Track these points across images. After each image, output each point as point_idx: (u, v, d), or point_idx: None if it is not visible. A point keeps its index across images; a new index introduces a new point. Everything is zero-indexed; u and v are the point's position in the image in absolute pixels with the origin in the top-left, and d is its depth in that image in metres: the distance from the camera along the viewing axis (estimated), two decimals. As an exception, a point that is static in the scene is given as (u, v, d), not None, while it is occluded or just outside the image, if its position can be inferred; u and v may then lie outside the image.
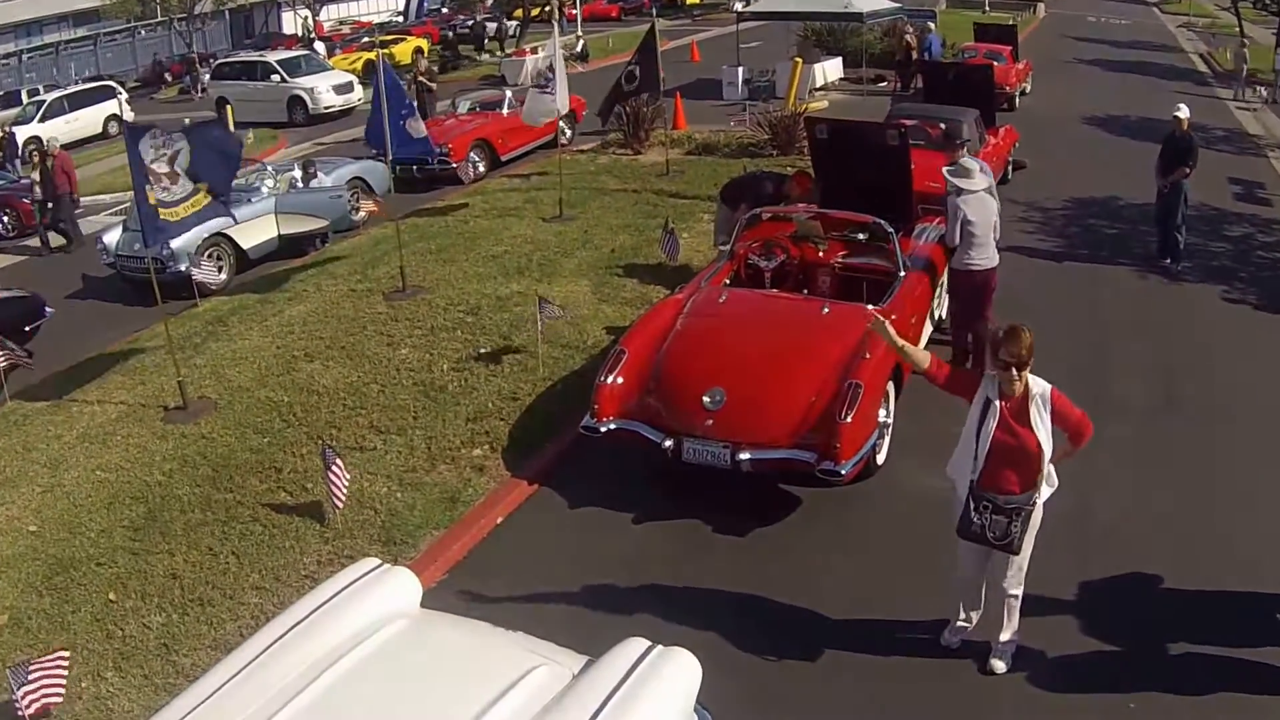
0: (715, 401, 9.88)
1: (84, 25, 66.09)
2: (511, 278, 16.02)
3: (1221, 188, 21.75)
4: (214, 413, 12.31)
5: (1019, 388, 7.24)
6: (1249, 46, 48.64)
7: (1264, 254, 18.06)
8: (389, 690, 5.80)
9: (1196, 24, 69.58)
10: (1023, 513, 7.33)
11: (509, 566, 9.37)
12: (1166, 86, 37.25)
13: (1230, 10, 57.22)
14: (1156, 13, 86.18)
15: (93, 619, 8.87)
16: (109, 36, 62.57)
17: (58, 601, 9.12)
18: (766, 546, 9.61)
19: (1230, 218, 20.09)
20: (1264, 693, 7.63)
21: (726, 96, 33.05)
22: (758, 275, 12.70)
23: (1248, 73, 38.96)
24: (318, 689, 5.65)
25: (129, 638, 8.61)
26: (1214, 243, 18.49)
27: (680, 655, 6.15)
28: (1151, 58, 48.09)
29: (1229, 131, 29.64)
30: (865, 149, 14.26)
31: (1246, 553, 9.20)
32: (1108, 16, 75.29)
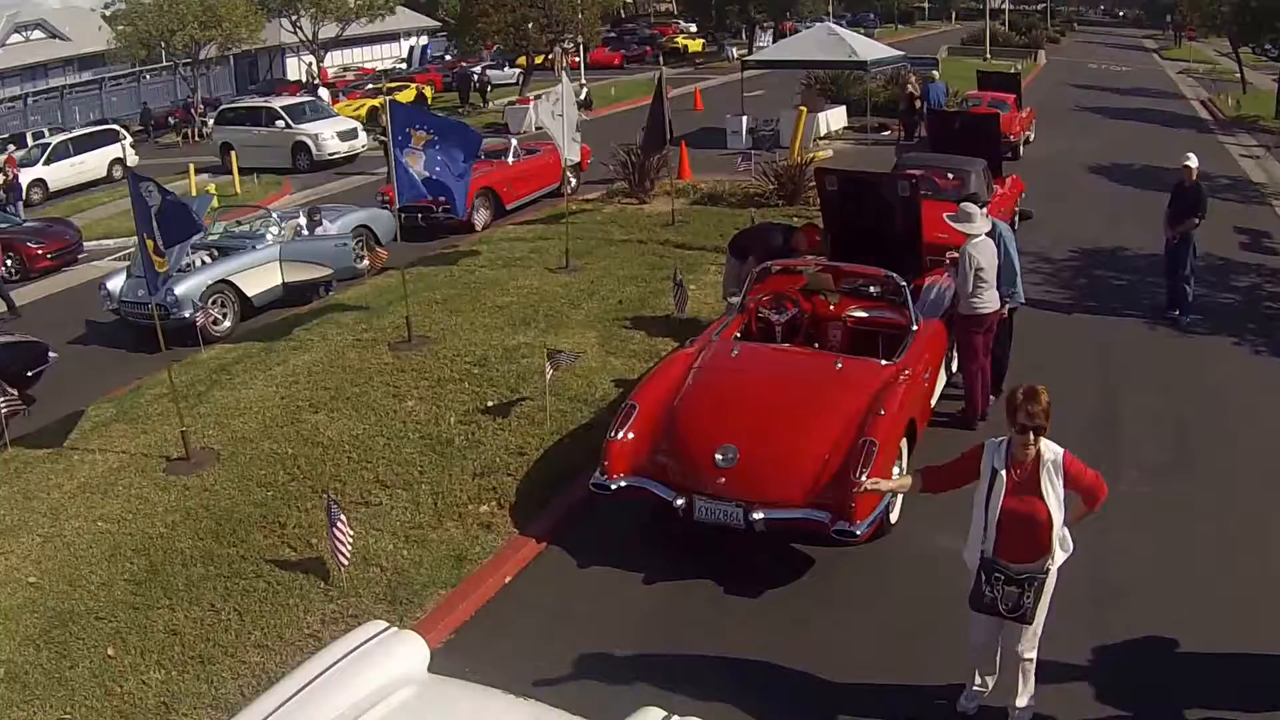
0: (728, 459, 9.71)
1: (89, 70, 66.40)
2: (518, 329, 15.90)
3: (1228, 237, 21.66)
4: (217, 464, 12.15)
5: (1032, 453, 7.06)
6: (1249, 93, 49.08)
7: (1272, 304, 17.95)
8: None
9: (1197, 70, 70.03)
10: (1035, 581, 7.17)
11: (518, 627, 9.20)
12: (1169, 134, 37.42)
13: (1231, 56, 57.51)
14: (1157, 59, 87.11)
15: (91, 675, 8.69)
16: (114, 81, 62.72)
17: (55, 656, 8.94)
18: (779, 608, 9.42)
19: (1237, 267, 19.99)
20: None
21: (731, 145, 33.19)
22: (769, 329, 12.57)
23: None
24: None
25: (128, 695, 8.44)
26: (1222, 293, 18.37)
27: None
28: (1153, 105, 48.42)
29: (1233, 180, 29.57)
30: (875, 201, 14.15)
31: (1263, 612, 9.03)
32: (1108, 64, 76.04)
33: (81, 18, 71.27)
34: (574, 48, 52.88)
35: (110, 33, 55.32)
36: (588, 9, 48.60)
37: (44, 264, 25.14)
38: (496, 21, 46.07)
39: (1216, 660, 8.52)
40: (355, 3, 62.49)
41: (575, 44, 52.18)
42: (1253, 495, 11.10)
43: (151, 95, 61.89)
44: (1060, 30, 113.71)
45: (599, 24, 53.25)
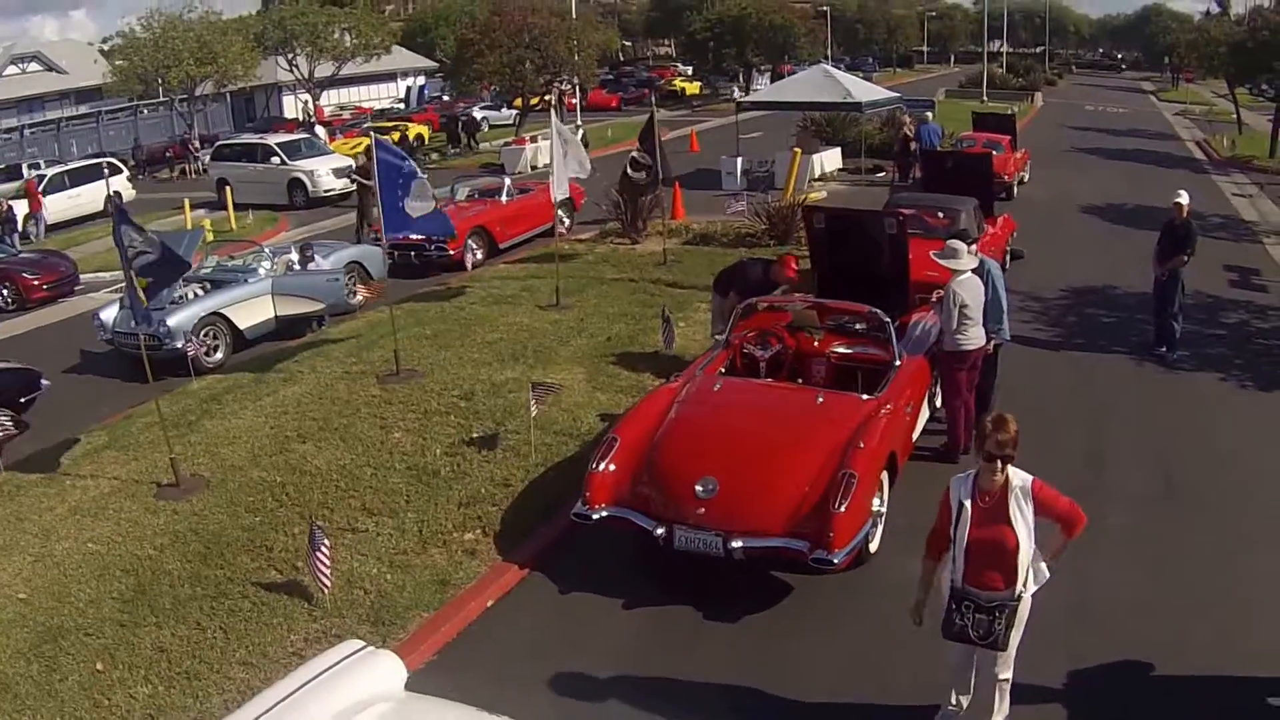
0: (708, 490, 9.98)
1: (86, 103, 66.89)
2: (506, 364, 16.21)
3: (1217, 275, 21.97)
4: (206, 490, 12.43)
5: (999, 480, 7.23)
6: (1245, 134, 49.59)
7: (1260, 340, 18.23)
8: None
9: (1194, 111, 70.76)
10: (1006, 609, 7.31)
11: (498, 651, 9.44)
12: (1163, 174, 37.84)
13: (1228, 98, 58.14)
14: (1154, 100, 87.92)
15: (80, 688, 8.94)
16: (111, 115, 63.19)
17: (45, 669, 9.21)
18: (757, 634, 9.65)
19: (1226, 304, 20.29)
20: None
21: (725, 186, 33.30)
22: (753, 364, 12.88)
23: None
24: None
25: (115, 707, 8.69)
26: (1210, 330, 18.68)
27: None
28: (1149, 145, 48.98)
29: (1225, 218, 30.01)
30: (863, 238, 14.50)
31: (1239, 639, 9.24)
32: (1105, 105, 76.67)
33: (78, 51, 72.03)
34: (570, 89, 53.35)
35: (107, 67, 55.85)
36: (583, 51, 49.00)
37: (39, 295, 25.45)
38: (492, 62, 46.46)
39: (1191, 683, 8.74)
40: (351, 42, 62.99)
41: (571, 85, 52.64)
42: (1234, 527, 11.35)
43: (148, 130, 62.30)
44: (1058, 73, 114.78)
45: (595, 66, 53.68)
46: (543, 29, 47.21)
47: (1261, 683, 8.68)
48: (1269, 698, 8.55)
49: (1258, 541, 11.00)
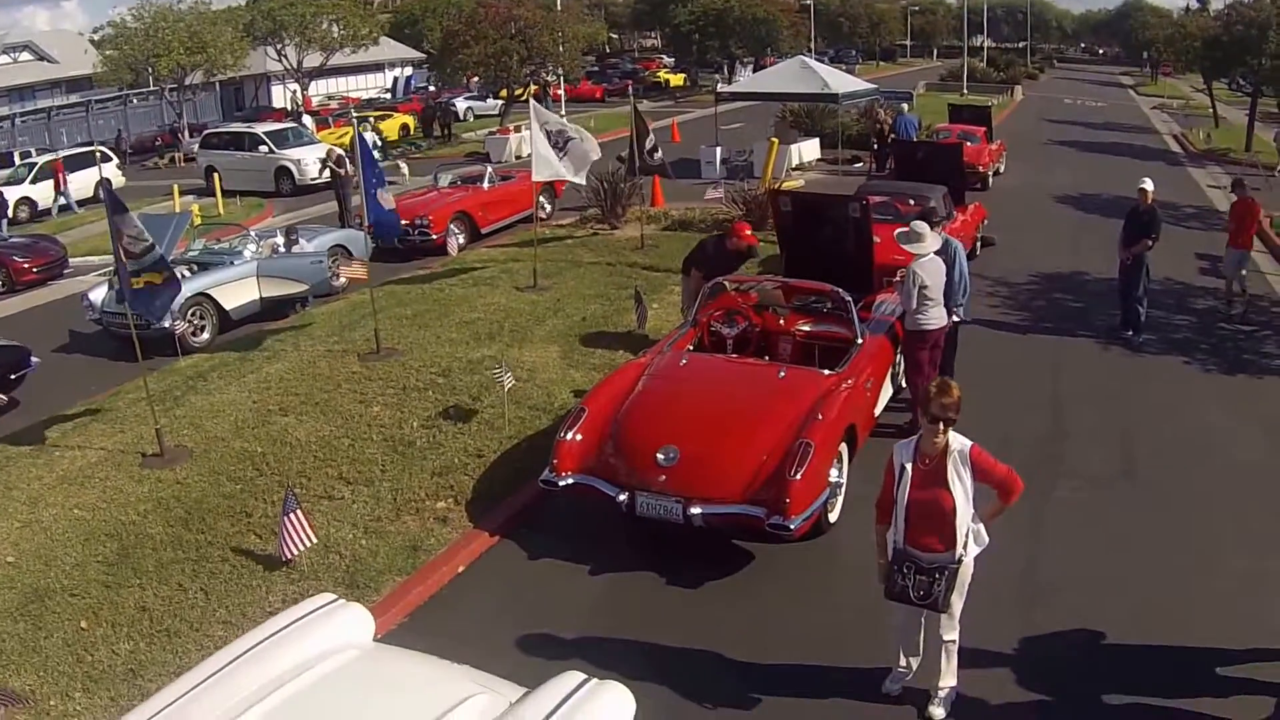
0: (669, 458, 10.26)
1: (76, 92, 66.90)
2: (483, 343, 16.51)
3: (1188, 263, 22.28)
4: (190, 460, 12.71)
5: (941, 443, 7.47)
6: (1222, 128, 49.92)
7: (1225, 325, 18.47)
8: (332, 711, 6.16)
9: (1171, 105, 71.10)
10: (946, 571, 7.54)
11: (467, 612, 9.70)
12: (1139, 166, 37.72)
13: (1205, 92, 58.54)
14: (1133, 95, 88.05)
15: (64, 644, 9.20)
16: (101, 104, 63.23)
17: (31, 627, 9.47)
18: (717, 598, 9.93)
19: (1195, 291, 20.55)
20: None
21: (705, 175, 33.84)
22: (720, 342, 13.16)
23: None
24: (264, 708, 6.02)
25: (98, 663, 8.94)
26: (1177, 316, 18.94)
27: (614, 688, 6.53)
28: (1126, 139, 49.21)
29: (1199, 209, 30.33)
30: (828, 221, 14.82)
31: (1188, 610, 9.49)
32: (1084, 99, 76.87)
33: (69, 41, 72.00)
34: (555, 80, 53.52)
35: (97, 57, 55.92)
36: (568, 42, 49.17)
37: (29, 278, 25.72)
38: (477, 53, 46.56)
39: (1140, 651, 8.94)
40: (339, 33, 63.11)
41: (556, 76, 52.80)
42: (1190, 504, 11.57)
43: (138, 119, 62.40)
44: (1039, 67, 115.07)
45: (579, 57, 53.82)
46: (528, 21, 47.32)
47: (1211, 653, 8.87)
48: (1217, 667, 8.74)
49: (1213, 518, 11.23)
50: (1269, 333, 18.07)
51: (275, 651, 6.60)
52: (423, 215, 25.18)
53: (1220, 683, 8.50)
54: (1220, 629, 9.12)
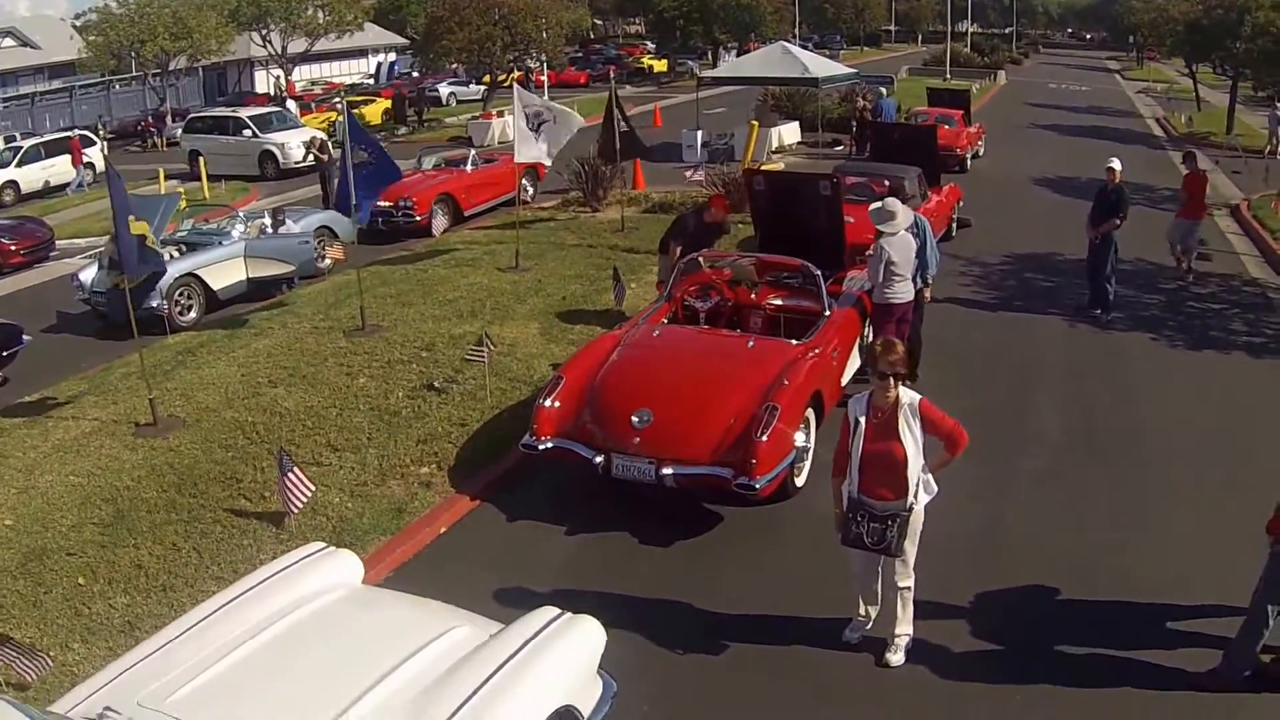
0: (643, 421, 10.81)
1: (59, 78, 67.09)
2: (465, 319, 17.01)
3: (1161, 244, 22.41)
4: (182, 429, 13.20)
5: (891, 397, 8.02)
6: (1204, 111, 50.39)
7: (1195, 304, 18.94)
8: (323, 642, 6.75)
9: (1156, 89, 71.53)
10: (898, 519, 8.07)
11: (449, 569, 10.16)
12: (1119, 149, 37.94)
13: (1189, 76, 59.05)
14: (1118, 79, 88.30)
15: (63, 599, 9.67)
16: (84, 90, 63.44)
17: (31, 584, 9.92)
18: (688, 556, 10.45)
19: (1167, 272, 20.93)
20: (1146, 687, 8.31)
21: (686, 159, 34.30)
22: (694, 315, 13.67)
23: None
24: (258, 641, 6.63)
25: (95, 615, 9.42)
26: (1147, 294, 19.40)
27: (587, 621, 7.17)
28: (1108, 122, 49.65)
29: (1175, 192, 30.10)
30: (799, 199, 15.37)
31: (1145, 569, 9.93)
32: (1068, 84, 77.11)
33: (52, 27, 72.17)
34: (538, 66, 53.87)
35: (80, 42, 56.16)
36: (552, 29, 49.52)
37: (16, 260, 26.15)
38: (461, 39, 46.87)
39: (1094, 606, 9.41)
40: (324, 18, 63.39)
41: (539, 63, 53.15)
42: (1147, 471, 12.07)
43: (121, 105, 62.64)
44: (1024, 52, 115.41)
45: (563, 43, 54.18)
46: (511, 7, 47.61)
47: (1163, 608, 9.32)
48: (1168, 622, 9.19)
49: (1169, 484, 11.72)
50: (1237, 311, 18.54)
51: (270, 592, 7.22)
52: (406, 197, 25.67)
53: (1171, 635, 8.96)
54: (1172, 586, 9.54)
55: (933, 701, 8.27)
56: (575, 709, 6.71)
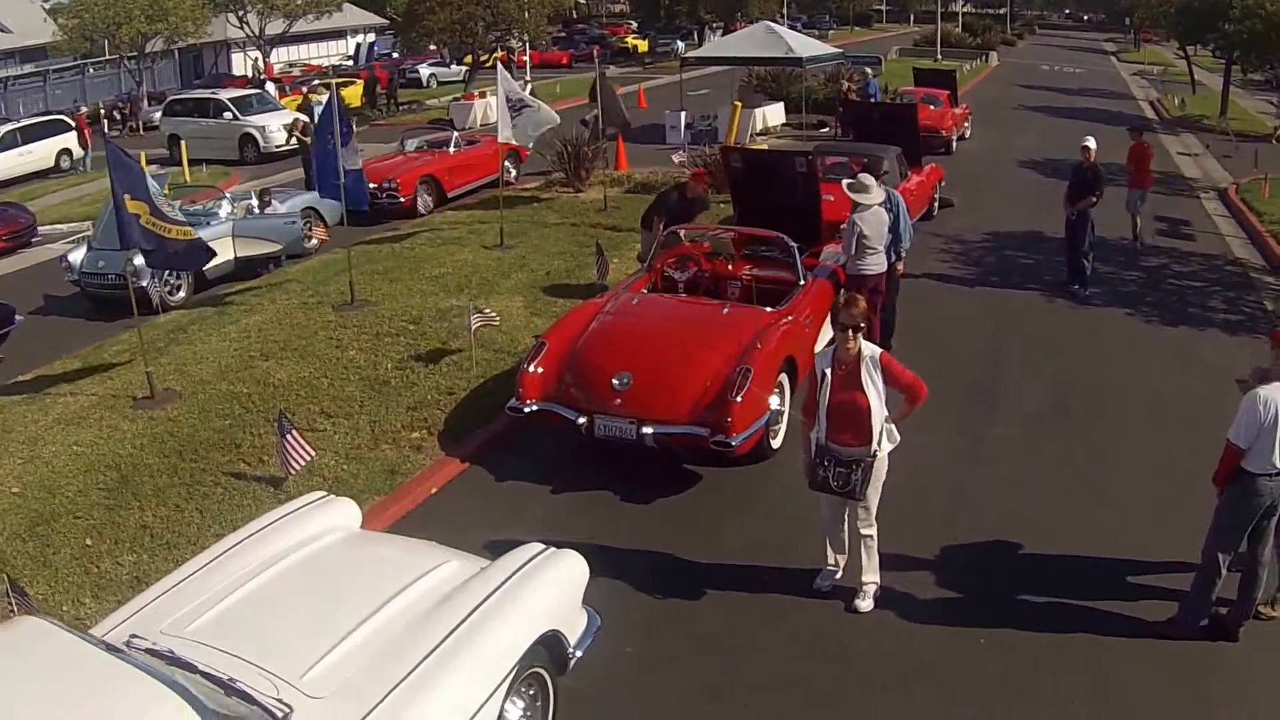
0: (623, 383, 11.65)
1: (32, 62, 67.40)
2: (451, 294, 17.81)
3: (1145, 225, 23.20)
4: (179, 401, 13.95)
5: (854, 349, 8.84)
6: (1199, 94, 51.00)
7: (1175, 281, 19.72)
8: (326, 576, 7.60)
9: (1152, 72, 72.06)
10: (862, 464, 8.91)
11: (439, 526, 10.76)
12: (1108, 131, 38.28)
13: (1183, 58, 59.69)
14: (1114, 61, 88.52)
15: (72, 558, 10.39)
16: (57, 74, 63.79)
17: (40, 546, 10.63)
18: (668, 512, 11.28)
19: (1149, 251, 21.78)
20: (1104, 633, 9.02)
21: (669, 140, 35.04)
22: (673, 286, 14.50)
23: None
24: (267, 577, 7.49)
25: (104, 573, 10.14)
26: (1127, 272, 20.18)
27: (569, 554, 8.05)
28: (1100, 105, 50.33)
29: (1164, 174, 31.02)
30: (776, 176, 16.23)
31: (1108, 528, 10.68)
32: (1062, 65, 77.42)
33: (23, 10, 72.14)
34: (521, 46, 54.42)
35: (54, 26, 56.50)
36: (534, 9, 50.07)
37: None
38: (442, 19, 47.37)
39: (1058, 560, 10.15)
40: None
41: (522, 43, 53.72)
42: (1115, 439, 12.85)
43: (96, 89, 62.99)
44: (1018, 33, 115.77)
45: (545, 23, 54.71)
46: (493, -14, 48.25)
47: (1124, 563, 10.08)
48: (1129, 576, 9.93)
49: (1137, 452, 12.48)
50: (1218, 289, 19.30)
51: (276, 535, 8.09)
52: (390, 179, 26.53)
53: (1131, 589, 9.70)
54: (1134, 544, 10.34)
55: (898, 644, 9.02)
56: (562, 634, 7.54)
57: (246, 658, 6.41)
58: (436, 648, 6.72)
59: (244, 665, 6.32)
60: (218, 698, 5.66)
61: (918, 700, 8.34)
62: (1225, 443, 8.52)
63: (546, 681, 7.52)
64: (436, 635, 6.82)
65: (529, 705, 7.39)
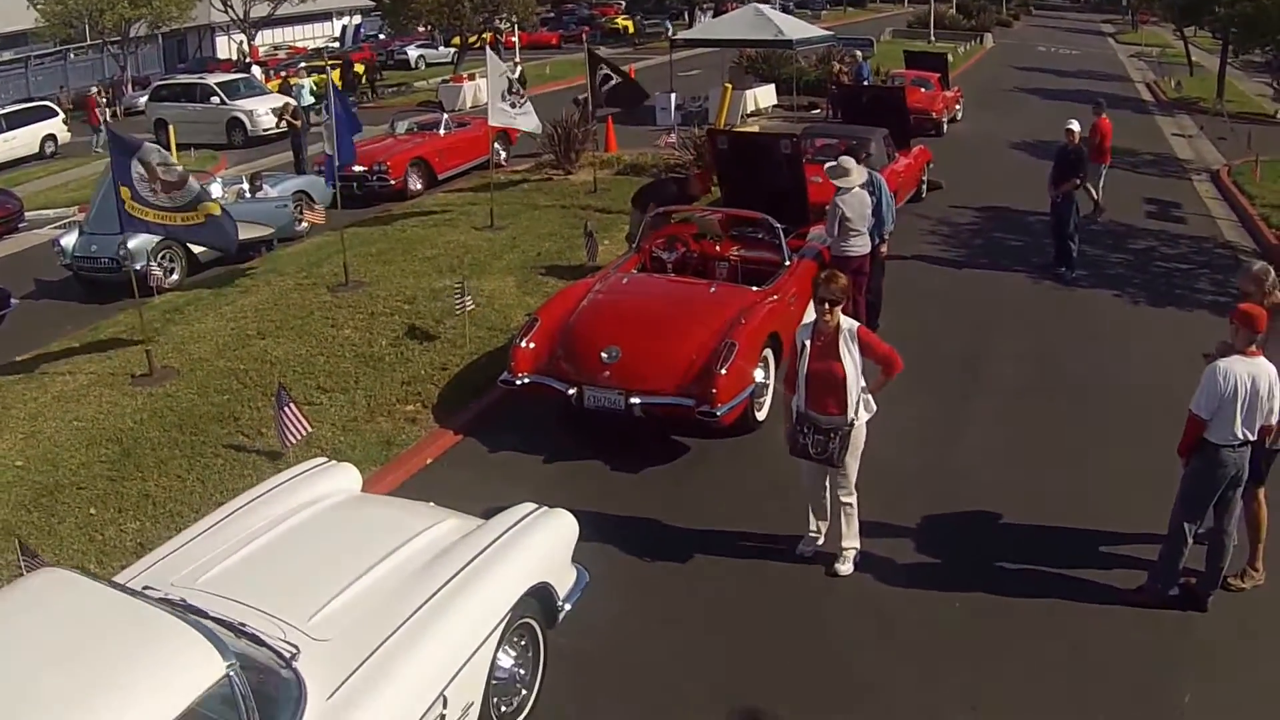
0: (612, 356, 12.23)
1: (13, 48, 67.60)
2: (444, 274, 18.38)
3: (1136, 206, 23.98)
4: (178, 378, 14.51)
5: (832, 322, 9.41)
6: (1196, 76, 51.30)
7: (1162, 263, 20.19)
8: (329, 534, 8.18)
9: (1150, 53, 72.21)
10: (839, 432, 9.48)
11: (435, 494, 11.00)
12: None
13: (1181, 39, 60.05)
14: (1111, 43, 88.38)
15: (77, 527, 10.91)
16: (39, 60, 64.01)
17: (45, 516, 11.14)
18: (656, 480, 11.85)
19: (1138, 233, 22.28)
20: (1076, 600, 9.52)
21: (660, 122, 35.56)
22: (661, 266, 15.09)
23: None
24: (272, 535, 8.07)
25: (109, 540, 10.65)
26: (1115, 254, 20.68)
27: (561, 513, 8.66)
28: (1094, 86, 50.25)
29: (1158, 156, 32.08)
30: (761, 158, 16.79)
31: (1081, 498, 11.19)
32: (1059, 47, 77.36)
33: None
34: (509, 27, 54.80)
35: (35, 11, 56.75)
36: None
37: (-13, 231, 27.18)
38: (430, 1, 47.89)
39: (1035, 529, 10.67)
40: (289, -20, 64.17)
41: (510, 24, 54.09)
42: (1096, 414, 13.34)
43: (78, 74, 63.20)
44: (1014, 14, 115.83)
45: (534, 4, 55.04)
46: (481, -33, 48.57)
47: (1099, 534, 10.55)
48: (1102, 546, 10.42)
49: (1116, 427, 12.90)
50: (1206, 271, 19.75)
51: (280, 497, 8.68)
52: (381, 161, 27.05)
53: (1104, 557, 10.19)
54: (1110, 515, 10.80)
55: (876, 605, 9.57)
56: (552, 586, 8.15)
57: (255, 605, 6.95)
58: (434, 595, 7.29)
59: (253, 612, 6.86)
60: (231, 640, 6.18)
61: (893, 660, 8.85)
62: (1188, 414, 8.98)
63: (537, 634, 8.11)
64: (433, 584, 7.39)
65: (520, 655, 7.97)
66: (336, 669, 6.55)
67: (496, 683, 7.57)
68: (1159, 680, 8.55)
